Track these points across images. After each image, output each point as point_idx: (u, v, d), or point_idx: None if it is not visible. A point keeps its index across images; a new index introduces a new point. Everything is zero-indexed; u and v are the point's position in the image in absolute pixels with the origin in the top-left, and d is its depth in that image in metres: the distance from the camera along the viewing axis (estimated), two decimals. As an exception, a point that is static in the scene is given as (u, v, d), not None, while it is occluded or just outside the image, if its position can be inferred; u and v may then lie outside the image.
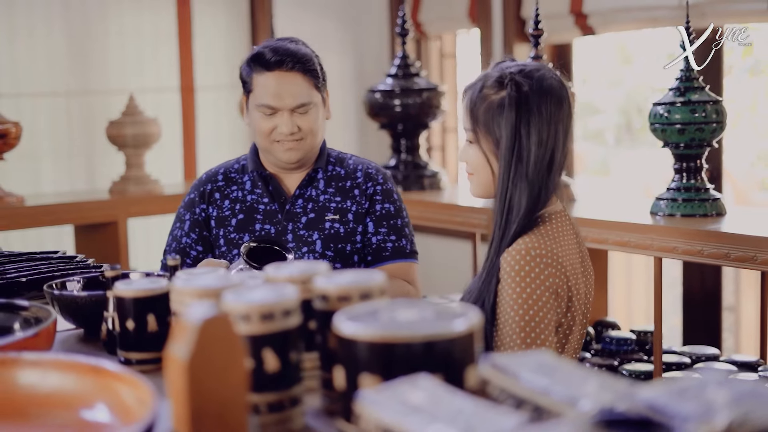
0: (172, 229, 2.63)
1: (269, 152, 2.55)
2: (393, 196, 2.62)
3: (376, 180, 2.61)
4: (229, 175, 2.63)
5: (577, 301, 2.06)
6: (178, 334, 1.06)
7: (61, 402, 1.24)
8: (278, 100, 2.48)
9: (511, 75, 2.05)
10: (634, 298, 5.53)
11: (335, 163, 2.62)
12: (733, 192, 5.96)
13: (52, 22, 4.54)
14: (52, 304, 1.85)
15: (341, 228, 2.55)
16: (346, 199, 2.57)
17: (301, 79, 2.50)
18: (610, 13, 4.16)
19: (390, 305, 1.22)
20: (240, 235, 2.54)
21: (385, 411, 0.98)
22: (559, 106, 2.05)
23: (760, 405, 0.89)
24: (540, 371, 1.08)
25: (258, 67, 2.50)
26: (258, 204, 2.57)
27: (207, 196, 2.60)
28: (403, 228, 2.60)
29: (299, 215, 2.55)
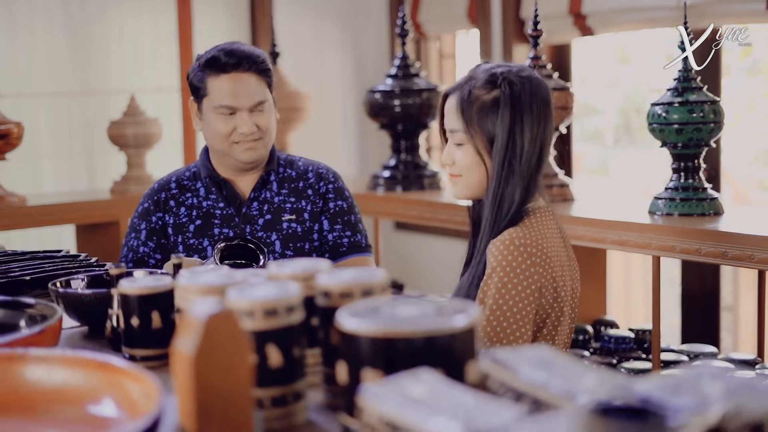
0: (126, 240, 2.66)
1: (228, 155, 2.58)
2: (345, 194, 2.70)
3: (328, 179, 2.68)
4: (181, 182, 2.66)
5: (564, 293, 2.10)
6: (184, 330, 1.09)
7: (68, 397, 1.26)
8: (237, 100, 2.52)
9: (503, 74, 2.11)
10: (632, 297, 5.55)
11: (286, 165, 2.68)
12: (731, 192, 5.98)
13: (52, 23, 4.57)
14: (56, 301, 1.87)
15: (298, 227, 2.61)
16: (301, 200, 2.63)
17: (256, 79, 2.55)
18: (608, 13, 4.18)
19: (391, 302, 1.24)
20: (199, 241, 2.59)
21: (387, 404, 1.00)
22: (546, 104, 2.13)
23: (752, 398, 0.91)
24: (539, 365, 1.10)
25: (213, 70, 2.53)
26: (214, 209, 2.62)
27: (162, 205, 2.63)
28: (356, 223, 2.69)
29: (256, 217, 2.61)
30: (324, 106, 5.39)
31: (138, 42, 4.84)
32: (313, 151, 5.22)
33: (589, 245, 3.03)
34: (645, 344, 3.33)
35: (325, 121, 5.42)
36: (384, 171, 3.91)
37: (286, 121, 4.42)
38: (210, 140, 2.60)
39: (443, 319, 1.17)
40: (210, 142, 2.61)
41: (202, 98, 2.57)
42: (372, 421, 1.02)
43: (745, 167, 6.18)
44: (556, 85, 3.31)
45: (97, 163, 4.69)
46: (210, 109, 2.55)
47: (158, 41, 4.89)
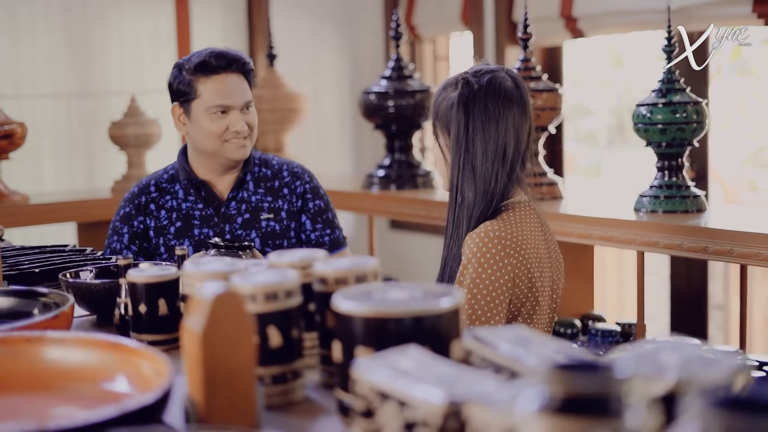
0: (108, 243, 2.75)
1: (217, 154, 2.68)
2: (320, 192, 2.82)
3: (303, 179, 2.80)
4: (160, 185, 2.76)
5: (540, 285, 2.19)
6: (192, 309, 1.19)
7: (83, 375, 1.35)
8: (230, 99, 2.65)
9: (464, 75, 2.22)
10: (626, 293, 5.63)
11: (261, 165, 2.79)
12: (722, 192, 6.06)
13: (54, 26, 4.65)
14: (66, 292, 1.97)
15: (276, 225, 2.73)
16: (277, 198, 2.75)
17: (242, 80, 2.70)
18: (599, 16, 4.27)
19: (383, 287, 1.34)
20: (180, 242, 2.69)
21: (377, 375, 1.10)
22: (508, 105, 2.19)
23: (705, 367, 1.01)
24: (516, 342, 1.20)
25: (203, 73, 2.65)
26: (193, 210, 2.72)
27: (143, 208, 2.73)
28: (333, 220, 2.83)
29: (234, 217, 2.71)
30: (320, 106, 5.49)
31: (137, 44, 4.92)
32: (309, 151, 5.33)
33: (577, 241, 3.12)
34: (631, 338, 3.42)
35: (321, 122, 5.52)
36: (378, 170, 4.01)
37: (282, 122, 4.51)
38: (200, 141, 2.69)
39: (430, 301, 1.27)
40: (199, 143, 2.69)
41: (190, 101, 2.67)
42: (364, 392, 1.12)
43: (736, 168, 6.26)
44: (545, 87, 3.40)
45: (98, 163, 4.78)
46: (202, 111, 2.65)
47: (157, 43, 4.98)
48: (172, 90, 2.72)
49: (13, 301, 1.77)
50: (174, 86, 2.71)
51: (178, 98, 2.71)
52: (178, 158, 2.78)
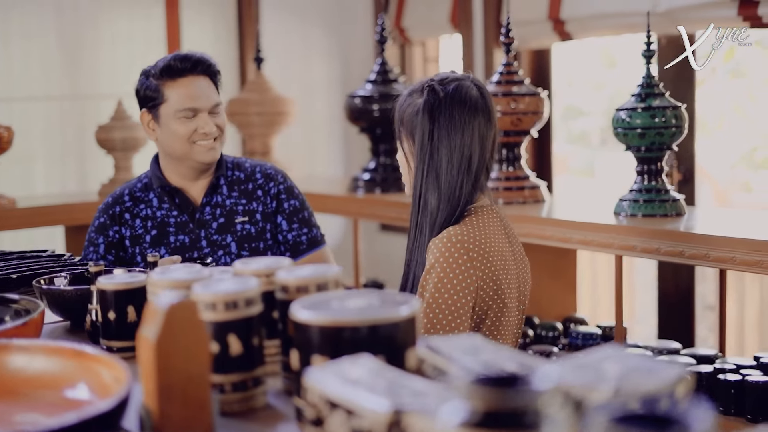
0: (85, 254, 2.76)
1: (187, 158, 2.69)
2: (295, 191, 2.83)
3: (277, 179, 2.81)
4: (134, 194, 2.77)
5: (507, 288, 2.20)
6: (148, 318, 1.21)
7: (47, 382, 1.37)
8: (198, 101, 2.65)
9: (429, 82, 2.23)
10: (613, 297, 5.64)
11: (233, 168, 2.80)
12: (712, 193, 6.07)
13: (45, 28, 4.67)
14: (40, 298, 1.99)
15: (252, 228, 2.74)
16: (252, 201, 2.76)
17: (209, 82, 2.70)
18: (586, 19, 4.28)
19: (342, 295, 1.36)
20: (156, 250, 2.70)
21: (327, 384, 1.12)
22: (473, 114, 2.20)
23: (645, 377, 1.03)
24: (468, 352, 1.22)
25: (169, 77, 2.66)
26: (168, 218, 2.73)
27: (118, 218, 2.74)
28: (310, 218, 2.83)
29: (209, 222, 2.73)
30: (310, 110, 5.50)
31: (129, 47, 4.94)
32: (298, 155, 5.35)
33: (556, 245, 3.14)
34: (612, 340, 3.44)
35: (311, 125, 5.54)
36: (364, 173, 4.03)
37: (269, 125, 4.53)
38: (169, 145, 2.70)
39: (386, 309, 1.29)
40: (169, 148, 2.70)
41: (158, 106, 2.67)
42: (314, 400, 1.14)
43: (728, 169, 6.27)
44: (528, 91, 3.43)
45: (89, 166, 4.80)
46: (170, 115, 2.66)
47: (149, 46, 5.00)
48: (140, 96, 2.72)
49: (-15, 307, 1.79)
50: (141, 92, 2.71)
51: (145, 104, 2.71)
52: (151, 166, 2.79)
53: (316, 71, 5.59)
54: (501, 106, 3.39)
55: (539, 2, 4.41)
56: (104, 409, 1.13)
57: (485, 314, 2.18)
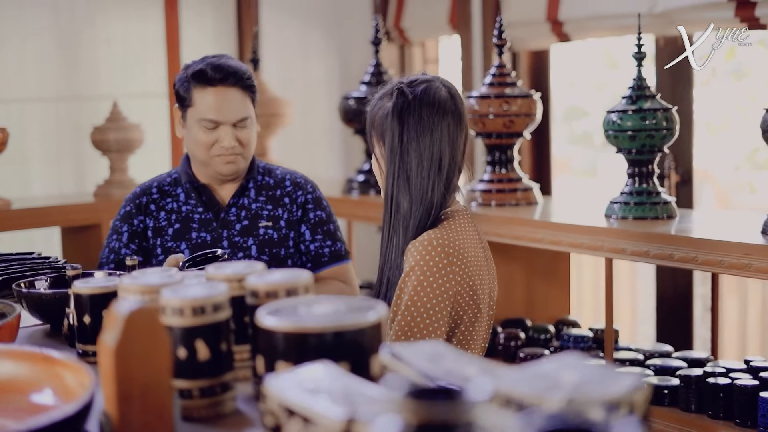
0: (107, 242, 2.75)
1: (207, 165, 2.68)
2: (323, 203, 2.80)
3: (306, 189, 2.78)
4: (162, 188, 2.76)
5: (481, 292, 2.19)
6: (108, 324, 1.20)
7: (14, 387, 1.37)
8: (221, 114, 2.62)
9: (398, 85, 2.22)
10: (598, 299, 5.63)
11: (264, 174, 2.78)
12: (713, 195, 6.05)
13: (41, 29, 4.67)
14: (20, 301, 1.99)
15: (275, 234, 2.71)
16: (278, 207, 2.74)
17: (240, 95, 2.64)
18: (584, 20, 4.28)
19: (310, 300, 1.36)
20: (177, 244, 2.68)
21: (285, 391, 1.12)
22: (442, 115, 2.19)
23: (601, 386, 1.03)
24: (429, 359, 1.21)
25: (199, 83, 2.63)
26: (193, 214, 2.71)
27: (143, 208, 2.73)
28: (335, 232, 2.79)
29: (233, 223, 2.71)
30: (308, 111, 5.50)
31: (126, 48, 4.94)
32: (296, 156, 5.35)
33: (547, 247, 3.13)
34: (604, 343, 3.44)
35: (309, 126, 5.53)
36: (358, 175, 4.02)
37: (265, 126, 4.53)
38: (191, 149, 2.69)
39: (352, 316, 1.28)
40: (191, 151, 2.70)
41: (186, 108, 2.66)
42: (273, 407, 1.14)
43: (731, 170, 6.25)
44: (520, 93, 3.42)
45: (86, 167, 4.80)
46: (194, 120, 2.64)
47: (146, 47, 5.00)
48: (175, 90, 2.71)
49: (-38, 311, 1.79)
50: (176, 87, 2.70)
51: (178, 101, 2.70)
52: (182, 162, 2.78)
53: (315, 72, 5.59)
54: (493, 108, 3.39)
55: (537, 3, 4.41)
56: (65, 414, 1.13)
57: (460, 319, 2.17)
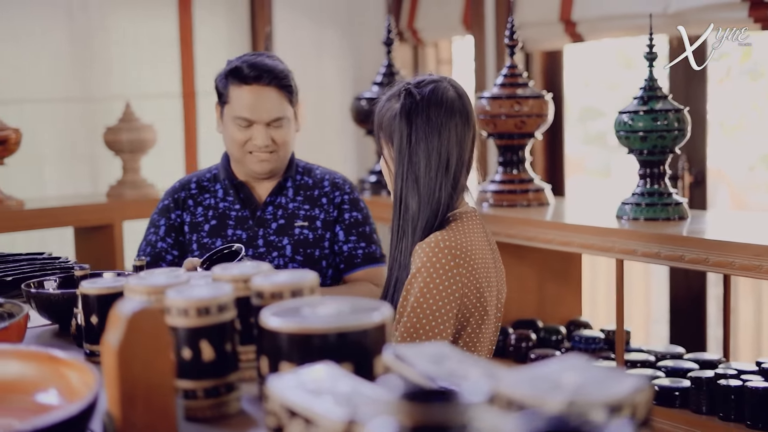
0: (146, 235, 2.76)
1: (242, 163, 2.68)
2: (360, 205, 2.78)
3: (343, 189, 2.77)
4: (201, 183, 2.77)
5: (488, 294, 2.19)
6: (111, 325, 1.21)
7: (20, 387, 1.38)
8: (254, 113, 2.61)
9: (406, 86, 2.22)
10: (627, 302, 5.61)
11: (303, 173, 2.77)
12: (728, 195, 6.03)
13: (55, 30, 4.69)
14: (29, 301, 2.00)
15: (310, 234, 2.69)
16: (315, 207, 2.72)
17: (276, 94, 2.63)
18: (597, 20, 4.27)
19: (314, 301, 1.36)
20: (212, 240, 2.68)
21: (286, 392, 1.12)
22: (450, 115, 2.18)
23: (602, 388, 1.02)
24: (432, 360, 1.21)
25: (235, 80, 2.63)
26: (230, 210, 2.71)
27: (181, 203, 2.73)
28: (371, 234, 2.77)
29: (269, 221, 2.69)
30: (322, 111, 5.51)
31: (140, 48, 4.95)
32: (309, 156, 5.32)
33: (558, 248, 3.13)
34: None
35: (322, 127, 5.53)
36: (370, 176, 4.02)
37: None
38: (227, 146, 2.71)
39: (355, 317, 1.28)
40: (227, 148, 2.72)
41: (224, 104, 2.68)
42: (275, 408, 1.14)
43: (746, 171, 6.23)
44: (532, 94, 3.41)
45: (100, 168, 4.82)
46: (229, 117, 2.65)
47: (160, 47, 5.01)
48: (215, 86, 2.72)
49: (-30, 311, 1.80)
50: (216, 84, 2.72)
51: (218, 98, 2.72)
52: (222, 158, 2.79)
53: (329, 72, 5.59)
54: (505, 109, 3.38)
55: (550, 4, 4.40)
56: (69, 414, 1.13)
57: (467, 321, 2.17)
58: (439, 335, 2.11)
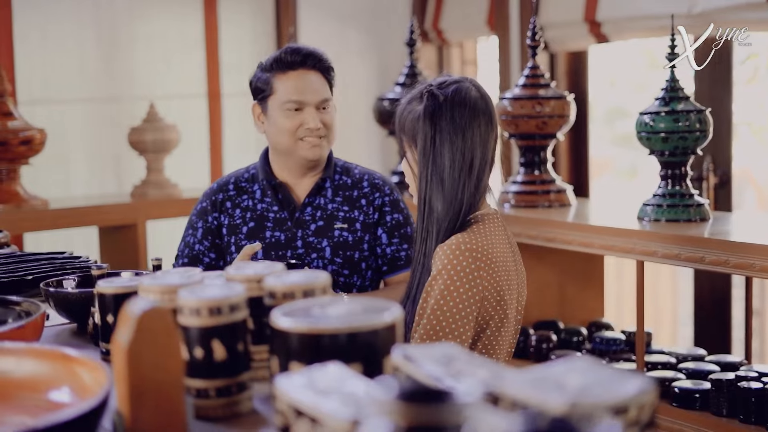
0: (184, 236, 2.76)
1: (292, 153, 2.65)
2: (400, 205, 2.75)
3: (383, 191, 2.74)
4: (239, 184, 2.75)
5: (509, 297, 2.18)
6: (121, 324, 1.22)
7: (33, 385, 1.39)
8: (304, 95, 2.62)
9: (428, 87, 2.21)
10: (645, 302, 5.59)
11: (342, 173, 2.75)
12: (756, 196, 5.99)
13: (82, 31, 4.72)
14: (47, 300, 2.02)
15: (350, 236, 2.67)
16: (354, 209, 2.70)
17: (320, 77, 2.67)
18: (622, 21, 4.26)
19: (325, 302, 1.37)
20: (251, 242, 2.65)
21: (294, 392, 1.12)
22: (474, 116, 2.17)
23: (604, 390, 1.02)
24: (440, 361, 1.21)
25: (279, 69, 2.64)
26: (268, 212, 2.69)
27: (219, 205, 2.72)
28: (413, 235, 2.72)
29: (308, 223, 2.68)
30: (347, 112, 5.51)
31: (165, 49, 4.98)
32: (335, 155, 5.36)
33: (578, 249, 3.12)
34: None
35: (347, 126, 5.54)
36: (392, 176, 4.03)
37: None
38: (275, 139, 2.67)
39: (365, 317, 1.29)
40: (275, 141, 2.68)
41: (267, 98, 2.66)
42: (282, 407, 1.14)
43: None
44: (554, 94, 3.41)
45: (126, 168, 4.85)
46: (276, 107, 2.64)
47: (186, 47, 5.04)
48: (252, 88, 2.71)
49: (-10, 310, 1.83)
50: (253, 84, 2.70)
51: (256, 96, 2.70)
52: (260, 159, 2.76)
53: (354, 72, 5.60)
54: (526, 110, 3.38)
55: (575, 4, 4.40)
56: (80, 412, 1.14)
57: (487, 324, 2.16)
58: (459, 338, 2.10)
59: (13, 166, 3.85)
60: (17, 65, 4.52)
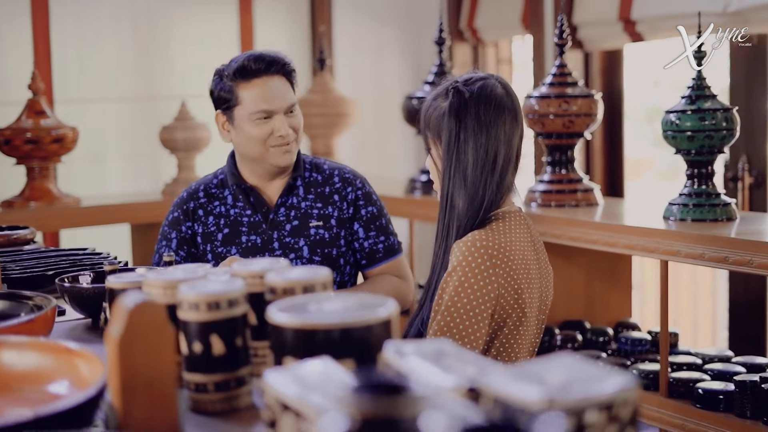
0: (157, 248, 2.73)
1: (262, 161, 2.63)
2: (373, 197, 2.75)
3: (355, 185, 2.73)
4: (209, 191, 2.72)
5: (528, 297, 2.16)
6: (114, 317, 1.23)
7: (34, 377, 1.41)
8: (272, 103, 2.58)
9: (454, 84, 2.20)
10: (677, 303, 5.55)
11: (311, 169, 2.73)
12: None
13: (118, 30, 4.78)
14: (62, 295, 2.04)
15: (326, 233, 2.66)
16: (327, 205, 2.69)
17: (284, 81, 2.62)
18: (657, 20, 4.23)
19: (322, 298, 1.37)
20: (227, 249, 2.65)
21: (281, 387, 1.13)
22: (498, 113, 2.17)
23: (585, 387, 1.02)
24: (430, 357, 1.21)
25: (242, 78, 2.58)
26: (241, 216, 2.67)
27: (191, 214, 2.70)
28: (387, 226, 2.75)
29: (283, 223, 2.66)
30: (381, 110, 5.52)
31: (201, 48, 5.02)
32: (368, 155, 5.38)
33: (602, 249, 3.10)
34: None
35: (381, 126, 5.55)
36: (421, 175, 4.03)
37: (331, 126, 4.56)
38: (244, 148, 2.63)
39: (360, 313, 1.29)
40: (244, 150, 2.64)
41: (232, 108, 2.61)
42: (270, 402, 1.15)
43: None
44: (581, 93, 3.39)
45: (160, 166, 4.89)
46: (244, 118, 2.59)
47: (221, 47, 5.07)
48: (214, 98, 2.66)
49: (4, 304, 1.85)
50: (215, 94, 2.65)
51: (220, 106, 2.65)
52: (227, 163, 2.74)
53: (388, 71, 5.60)
54: (553, 108, 3.36)
55: (609, 3, 4.37)
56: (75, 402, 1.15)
57: (504, 322, 2.15)
58: (473, 335, 2.09)
59: (46, 164, 3.90)
60: (54, 65, 4.57)
